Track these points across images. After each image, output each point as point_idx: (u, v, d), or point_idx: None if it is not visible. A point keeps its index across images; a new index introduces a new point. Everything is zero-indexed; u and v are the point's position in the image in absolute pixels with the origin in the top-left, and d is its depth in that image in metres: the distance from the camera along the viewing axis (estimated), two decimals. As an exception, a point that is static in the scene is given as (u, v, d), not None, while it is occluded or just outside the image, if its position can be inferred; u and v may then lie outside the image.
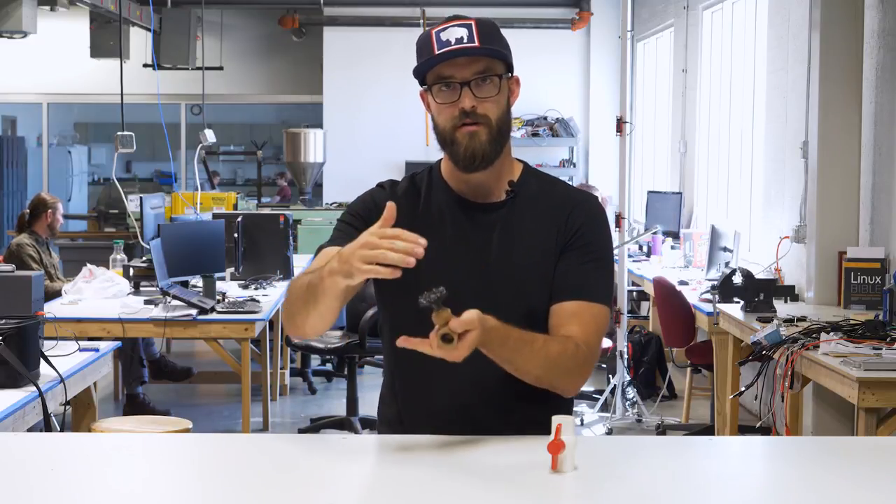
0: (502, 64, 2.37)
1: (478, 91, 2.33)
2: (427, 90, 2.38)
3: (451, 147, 2.37)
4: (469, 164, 2.36)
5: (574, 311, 2.36)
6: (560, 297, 2.37)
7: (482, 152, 2.35)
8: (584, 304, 2.37)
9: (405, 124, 11.53)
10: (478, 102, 2.33)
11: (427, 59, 2.33)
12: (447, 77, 2.33)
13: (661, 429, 6.63)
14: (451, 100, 2.34)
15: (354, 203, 2.50)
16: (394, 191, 2.48)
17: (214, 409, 7.39)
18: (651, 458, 2.31)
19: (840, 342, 4.36)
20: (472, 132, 2.34)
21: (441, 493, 2.07)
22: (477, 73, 2.33)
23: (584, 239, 2.40)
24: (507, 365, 2.27)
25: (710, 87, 8.96)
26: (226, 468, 2.26)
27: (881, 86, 5.59)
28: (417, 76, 2.38)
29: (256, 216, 8.19)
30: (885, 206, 5.57)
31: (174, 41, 11.72)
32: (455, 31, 2.32)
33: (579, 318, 2.35)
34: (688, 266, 7.85)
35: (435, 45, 2.32)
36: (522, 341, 2.25)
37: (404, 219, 2.39)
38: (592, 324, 2.36)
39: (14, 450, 2.37)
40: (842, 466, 2.27)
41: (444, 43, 2.32)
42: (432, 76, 2.35)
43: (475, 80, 2.33)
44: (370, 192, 2.51)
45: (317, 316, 2.28)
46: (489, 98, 2.34)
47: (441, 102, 2.35)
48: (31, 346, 3.70)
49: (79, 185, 15.68)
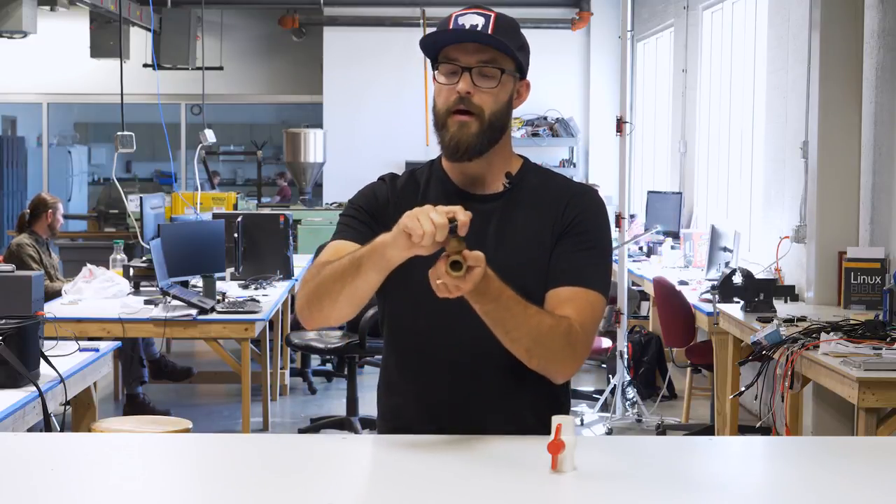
0: (511, 61, 2.37)
1: (478, 80, 2.34)
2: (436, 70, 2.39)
3: (441, 131, 2.38)
4: (453, 153, 2.37)
5: (569, 296, 2.33)
6: (555, 282, 2.35)
7: (467, 143, 2.35)
8: (579, 290, 2.34)
9: (405, 124, 11.53)
10: (474, 90, 2.33)
11: (436, 33, 2.35)
12: (453, 59, 2.34)
13: (661, 429, 6.63)
14: (451, 82, 2.35)
15: (356, 197, 2.50)
16: (394, 184, 2.49)
17: (214, 409, 7.39)
18: (651, 458, 2.31)
19: (840, 342, 4.36)
20: (463, 122, 2.34)
21: (441, 492, 2.07)
22: (481, 62, 2.34)
23: (580, 227, 2.39)
24: (498, 327, 2.24)
25: (710, 87, 8.95)
26: (226, 468, 2.26)
27: (881, 86, 5.59)
28: (429, 53, 2.38)
29: (256, 216, 8.19)
30: (885, 206, 5.57)
31: (174, 41, 11.72)
32: (473, 17, 2.34)
33: (574, 303, 2.33)
34: (688, 266, 7.85)
35: (451, 26, 2.34)
36: (516, 300, 2.22)
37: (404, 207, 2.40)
38: (588, 309, 2.33)
39: (14, 450, 2.37)
40: (842, 466, 2.27)
41: (460, 26, 2.33)
42: (441, 56, 2.36)
43: (478, 68, 2.34)
44: (371, 185, 2.51)
45: (348, 298, 2.25)
46: (487, 90, 2.34)
47: (441, 83, 2.37)
48: (31, 346, 3.70)
49: (79, 185, 15.68)
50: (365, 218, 2.42)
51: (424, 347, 2.42)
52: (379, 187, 2.49)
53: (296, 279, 7.72)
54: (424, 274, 2.14)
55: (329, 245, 2.41)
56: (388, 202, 2.44)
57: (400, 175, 2.52)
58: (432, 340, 2.40)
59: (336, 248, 2.36)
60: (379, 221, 2.38)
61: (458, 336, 2.37)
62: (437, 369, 2.39)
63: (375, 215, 2.42)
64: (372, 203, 2.45)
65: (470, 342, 2.36)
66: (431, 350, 2.41)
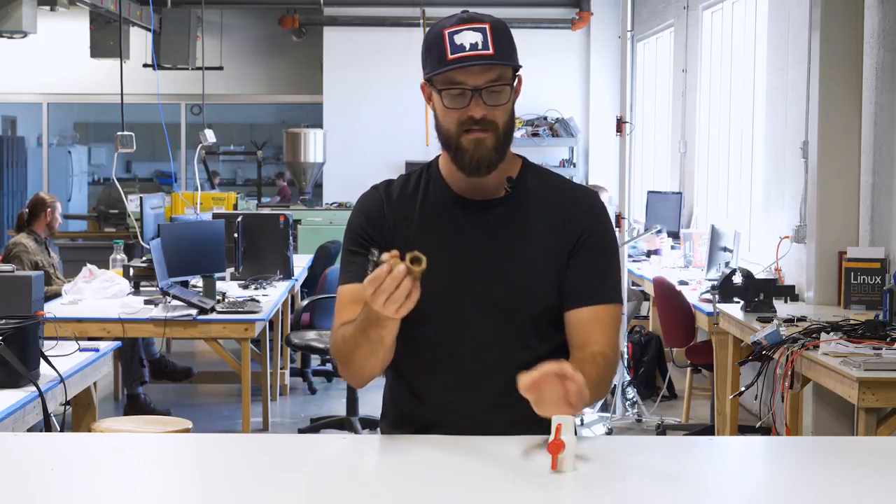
0: (512, 69, 2.35)
1: (488, 99, 2.30)
2: (432, 88, 2.34)
3: (456, 152, 2.34)
4: (475, 171, 2.34)
5: (593, 318, 2.37)
6: (575, 302, 2.36)
7: (488, 160, 2.33)
8: (601, 308, 2.37)
9: (405, 124, 11.53)
10: (488, 111, 2.30)
11: (440, 66, 2.29)
12: (458, 83, 2.30)
13: (661, 429, 6.62)
14: (460, 105, 2.30)
15: (350, 224, 2.46)
16: (388, 193, 2.45)
17: (214, 409, 7.39)
18: (651, 458, 2.31)
19: (840, 342, 4.36)
20: (479, 139, 2.31)
21: (441, 493, 2.07)
22: (489, 82, 2.30)
23: (591, 239, 2.39)
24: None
25: (710, 87, 8.95)
26: (226, 468, 2.26)
27: (881, 86, 5.59)
28: (427, 76, 2.35)
29: (256, 216, 8.19)
30: (885, 206, 5.57)
31: (174, 41, 11.72)
32: (469, 35, 2.29)
33: (600, 325, 2.36)
34: (688, 266, 7.85)
35: (448, 49, 2.28)
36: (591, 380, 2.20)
37: (402, 218, 2.41)
38: (612, 327, 2.39)
39: (14, 450, 2.37)
40: (842, 466, 2.27)
41: (458, 47, 2.28)
42: (442, 79, 2.31)
43: (486, 89, 2.30)
44: (362, 205, 2.47)
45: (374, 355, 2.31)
46: (499, 105, 2.32)
47: (449, 107, 2.32)
48: (31, 346, 3.70)
49: (79, 185, 15.67)
50: (365, 249, 2.35)
51: (430, 353, 2.41)
52: (371, 205, 2.45)
53: (296, 279, 7.73)
54: (438, 276, 2.15)
55: (339, 291, 2.42)
56: (384, 217, 2.42)
57: (394, 181, 2.48)
58: (438, 346, 2.40)
59: (346, 295, 2.38)
60: (378, 243, 2.34)
61: (464, 343, 2.37)
62: (443, 374, 2.39)
63: (373, 239, 2.39)
64: (366, 228, 2.42)
65: (476, 349, 2.36)
66: (437, 356, 2.41)
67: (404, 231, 2.41)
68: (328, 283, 7.52)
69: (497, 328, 2.35)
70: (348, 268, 2.42)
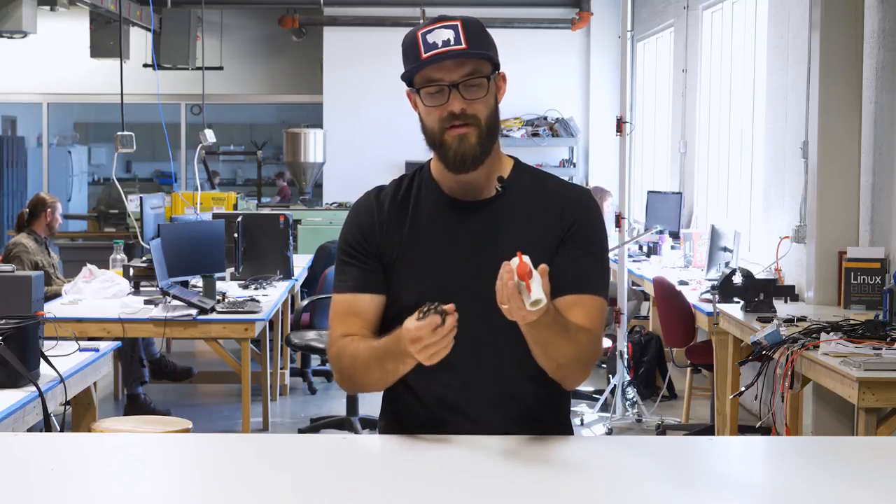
0: (489, 63, 2.37)
1: (466, 93, 2.33)
2: (414, 92, 2.39)
3: (441, 149, 2.37)
4: (460, 167, 2.37)
5: (576, 302, 2.36)
6: (560, 291, 2.36)
7: (472, 154, 2.35)
8: (585, 297, 2.38)
9: (405, 124, 11.35)
10: (467, 104, 2.33)
11: (415, 64, 2.34)
12: (435, 80, 2.34)
13: (661, 429, 6.62)
14: (439, 102, 2.34)
15: (343, 234, 2.50)
16: (379, 200, 2.48)
17: (214, 409, 7.39)
18: (651, 458, 2.31)
19: (840, 342, 4.36)
20: (462, 134, 2.34)
21: (441, 493, 2.07)
22: (465, 76, 2.33)
23: (580, 234, 2.41)
24: (541, 348, 2.28)
25: (710, 87, 8.95)
26: (226, 468, 2.26)
27: (881, 86, 5.59)
28: (405, 79, 2.39)
29: (256, 216, 8.18)
30: (885, 206, 5.57)
31: (174, 41, 11.72)
32: (441, 32, 2.32)
33: (583, 308, 2.36)
34: (688, 266, 7.85)
35: (422, 48, 2.33)
36: (563, 326, 2.26)
37: (393, 222, 2.42)
38: (597, 314, 2.38)
39: (14, 450, 2.37)
40: (842, 466, 2.27)
41: (431, 45, 2.32)
42: (420, 79, 2.35)
43: (463, 83, 2.33)
44: (354, 216, 2.50)
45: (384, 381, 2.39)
46: (478, 99, 2.35)
47: (429, 105, 2.36)
48: (31, 346, 3.70)
49: (79, 185, 15.67)
50: (357, 259, 2.43)
51: None
52: (362, 214, 2.47)
53: (295, 279, 7.73)
54: (430, 278, 2.15)
55: (334, 300, 2.45)
56: (374, 226, 2.45)
57: (386, 186, 2.51)
58: None
59: (342, 306, 2.42)
60: (370, 252, 2.42)
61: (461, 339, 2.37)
62: (440, 371, 2.39)
63: (366, 249, 2.44)
64: (359, 240, 2.45)
65: (473, 346, 2.37)
66: None
67: (396, 234, 2.44)
68: (328, 283, 7.52)
69: (491, 328, 2.35)
70: (342, 277, 2.46)
